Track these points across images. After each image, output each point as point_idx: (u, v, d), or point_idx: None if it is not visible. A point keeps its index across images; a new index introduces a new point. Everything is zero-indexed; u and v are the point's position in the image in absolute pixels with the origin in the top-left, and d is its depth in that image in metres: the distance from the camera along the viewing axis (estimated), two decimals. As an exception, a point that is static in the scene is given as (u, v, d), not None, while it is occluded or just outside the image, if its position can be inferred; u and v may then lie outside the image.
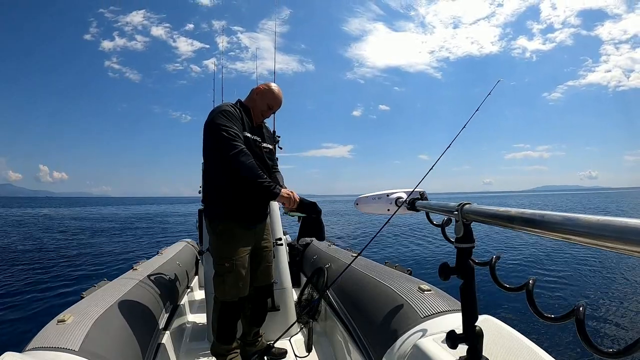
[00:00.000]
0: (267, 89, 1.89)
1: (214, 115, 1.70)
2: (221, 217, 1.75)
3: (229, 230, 1.74)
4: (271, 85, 1.92)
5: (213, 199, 1.80)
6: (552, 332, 3.64)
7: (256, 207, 1.84)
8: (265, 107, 1.88)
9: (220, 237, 1.75)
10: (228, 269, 1.73)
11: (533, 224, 0.60)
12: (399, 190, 1.41)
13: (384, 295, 1.59)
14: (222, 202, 1.75)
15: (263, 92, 1.88)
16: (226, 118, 1.68)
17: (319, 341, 2.13)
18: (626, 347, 0.45)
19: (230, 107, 1.77)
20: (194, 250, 3.57)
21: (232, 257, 1.74)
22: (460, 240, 0.82)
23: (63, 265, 7.44)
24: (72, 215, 28.33)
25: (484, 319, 1.07)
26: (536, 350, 0.93)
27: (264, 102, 1.88)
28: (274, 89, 1.91)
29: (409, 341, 1.19)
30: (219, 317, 1.81)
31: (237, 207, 1.75)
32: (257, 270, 1.92)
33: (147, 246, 10.28)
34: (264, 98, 1.88)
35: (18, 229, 15.31)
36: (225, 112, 1.71)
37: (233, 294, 1.75)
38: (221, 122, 1.65)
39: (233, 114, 1.72)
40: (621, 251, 0.44)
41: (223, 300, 1.77)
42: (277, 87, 1.93)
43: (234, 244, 1.75)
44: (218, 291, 1.78)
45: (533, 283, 0.64)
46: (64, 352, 1.10)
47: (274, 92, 1.90)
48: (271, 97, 1.89)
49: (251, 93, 1.92)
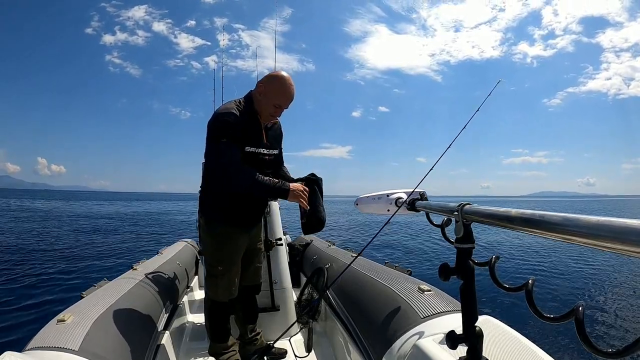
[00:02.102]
0: (271, 87, 1.62)
1: (215, 120, 1.59)
2: (219, 220, 1.74)
3: (226, 234, 1.73)
4: (275, 79, 1.63)
5: (211, 201, 1.78)
6: (551, 332, 3.64)
7: (254, 212, 1.83)
8: (272, 109, 1.65)
9: (217, 240, 1.75)
10: (221, 272, 1.73)
11: (533, 224, 0.60)
12: (399, 191, 1.41)
13: (384, 295, 1.59)
14: (220, 205, 1.74)
15: (266, 92, 1.63)
16: (226, 127, 1.54)
17: (319, 341, 2.12)
18: (625, 347, 0.45)
19: (233, 109, 1.59)
20: (194, 250, 3.57)
21: (227, 261, 1.74)
22: (460, 241, 0.82)
23: (63, 265, 7.43)
24: (71, 210, 28.25)
25: (484, 319, 1.07)
26: (536, 351, 0.93)
27: (270, 102, 1.63)
28: (278, 83, 1.62)
29: (409, 341, 1.19)
30: (210, 315, 1.83)
31: (236, 211, 1.73)
32: (247, 270, 1.92)
33: (147, 246, 10.27)
34: (268, 98, 1.63)
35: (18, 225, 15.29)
36: (224, 122, 1.55)
37: (224, 296, 1.76)
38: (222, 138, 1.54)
39: (232, 121, 1.55)
40: (620, 252, 0.44)
41: (213, 300, 1.78)
42: (283, 78, 1.63)
43: (229, 249, 1.75)
44: (209, 291, 1.80)
45: (532, 283, 0.64)
46: (63, 352, 1.10)
47: (280, 88, 1.62)
48: (276, 94, 1.62)
49: (255, 91, 1.67)
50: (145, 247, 10.21)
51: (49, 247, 9.85)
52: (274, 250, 2.34)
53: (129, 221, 20.03)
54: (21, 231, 13.20)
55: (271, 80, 1.64)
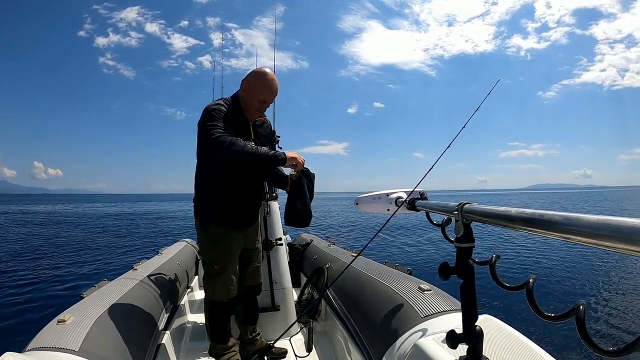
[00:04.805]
0: (254, 83, 1.68)
1: (202, 115, 1.63)
2: (213, 219, 1.74)
3: (220, 233, 1.74)
4: (257, 75, 1.69)
5: (205, 200, 1.79)
6: (552, 332, 3.64)
7: (247, 210, 1.83)
8: (257, 104, 1.70)
9: (212, 240, 1.75)
10: (217, 271, 1.74)
11: (533, 223, 0.60)
12: (399, 190, 1.41)
13: (384, 294, 1.59)
14: (214, 204, 1.74)
15: (250, 88, 1.69)
16: (212, 117, 1.58)
17: (319, 341, 2.13)
18: (626, 345, 0.44)
19: (220, 105, 1.64)
20: (194, 250, 3.57)
21: (222, 260, 1.74)
22: (460, 240, 0.82)
23: (63, 265, 7.44)
24: (69, 212, 28.28)
25: (484, 318, 1.07)
26: (536, 350, 0.93)
27: (254, 98, 1.69)
28: (260, 79, 1.68)
29: (409, 341, 1.19)
30: (209, 316, 1.83)
31: (228, 210, 1.74)
32: (246, 270, 1.93)
33: (147, 246, 10.27)
34: (252, 94, 1.69)
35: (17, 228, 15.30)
36: (212, 111, 1.59)
37: (222, 296, 1.76)
38: (208, 123, 1.56)
39: (220, 112, 1.60)
40: (621, 251, 0.43)
41: (212, 300, 1.78)
42: (265, 74, 1.69)
43: (225, 248, 1.75)
44: (207, 292, 1.80)
45: (533, 282, 0.64)
46: (64, 352, 1.10)
47: (263, 83, 1.68)
48: (260, 90, 1.67)
49: (240, 89, 1.74)
50: (145, 247, 10.21)
51: (49, 248, 9.86)
52: (274, 250, 2.34)
53: (128, 221, 20.03)
54: (20, 233, 13.21)
55: (254, 77, 1.70)
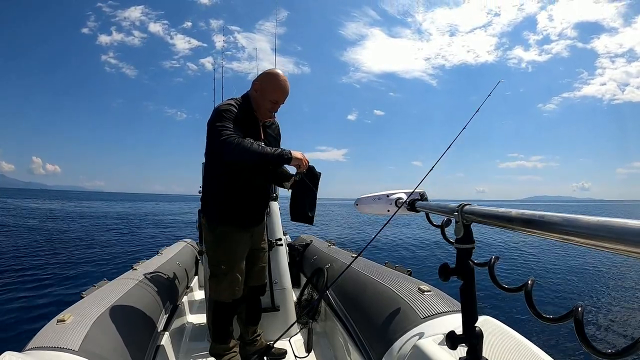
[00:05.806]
0: (266, 84, 1.70)
1: (212, 115, 1.62)
2: (220, 219, 1.74)
3: (227, 233, 1.73)
4: (270, 76, 1.72)
5: (212, 200, 1.79)
6: (551, 333, 3.64)
7: (254, 210, 1.83)
8: (269, 104, 1.71)
9: (218, 240, 1.74)
10: (224, 271, 1.73)
11: (532, 224, 0.60)
12: (399, 191, 1.41)
13: (383, 295, 1.59)
14: (221, 204, 1.74)
15: (262, 88, 1.70)
16: (222, 117, 1.57)
17: (318, 341, 2.13)
18: (624, 347, 0.45)
19: (231, 105, 1.64)
20: (193, 250, 3.57)
21: (228, 260, 1.74)
22: (460, 241, 0.82)
23: (62, 265, 7.43)
24: (69, 210, 28.19)
25: (484, 319, 1.07)
26: (536, 351, 0.93)
27: (266, 99, 1.70)
28: (273, 79, 1.70)
29: (409, 342, 1.19)
30: (213, 316, 1.82)
31: (235, 210, 1.74)
32: (252, 270, 1.92)
33: (146, 246, 10.27)
34: (264, 94, 1.70)
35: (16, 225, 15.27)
36: (223, 112, 1.59)
37: (227, 296, 1.76)
38: (217, 123, 1.56)
39: (231, 112, 1.60)
40: (620, 252, 0.44)
41: (217, 300, 1.78)
42: (277, 74, 1.71)
43: (231, 248, 1.75)
44: (212, 292, 1.78)
45: (532, 284, 0.64)
46: (63, 352, 1.10)
47: (274, 84, 1.70)
48: (272, 90, 1.70)
49: (251, 89, 1.75)
50: (145, 247, 10.20)
51: (49, 247, 9.85)
52: (274, 250, 2.34)
53: (128, 221, 20.02)
54: (20, 231, 13.18)
55: (266, 78, 1.72)
